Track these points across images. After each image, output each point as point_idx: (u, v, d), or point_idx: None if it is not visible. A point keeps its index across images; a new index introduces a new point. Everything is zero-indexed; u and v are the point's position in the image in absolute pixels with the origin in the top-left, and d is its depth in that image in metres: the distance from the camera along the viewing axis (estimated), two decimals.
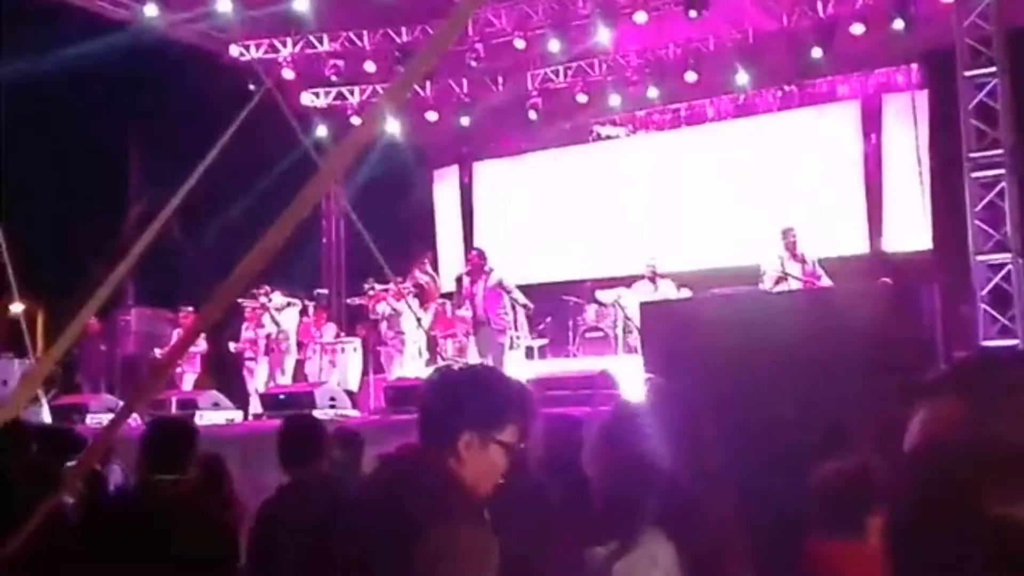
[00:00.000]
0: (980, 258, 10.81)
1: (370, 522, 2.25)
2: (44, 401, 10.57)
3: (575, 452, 4.86)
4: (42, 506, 2.35)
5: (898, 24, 12.75)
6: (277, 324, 13.01)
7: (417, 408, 2.45)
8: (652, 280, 12.77)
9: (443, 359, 13.56)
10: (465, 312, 12.40)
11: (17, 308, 11.13)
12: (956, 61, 11.06)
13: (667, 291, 12.45)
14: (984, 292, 10.72)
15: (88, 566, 3.69)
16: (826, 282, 11.31)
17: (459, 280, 12.43)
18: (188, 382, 13.25)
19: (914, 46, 13.20)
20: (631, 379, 9.54)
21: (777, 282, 11.29)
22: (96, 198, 14.06)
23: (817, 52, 13.59)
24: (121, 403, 11.18)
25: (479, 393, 2.36)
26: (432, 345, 13.64)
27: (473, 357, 12.01)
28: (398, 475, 2.33)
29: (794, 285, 11.13)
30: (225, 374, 13.46)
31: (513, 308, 12.40)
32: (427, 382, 2.49)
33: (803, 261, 11.42)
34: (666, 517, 2.65)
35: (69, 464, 4.56)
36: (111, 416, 10.69)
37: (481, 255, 11.90)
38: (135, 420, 7.77)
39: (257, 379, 13.08)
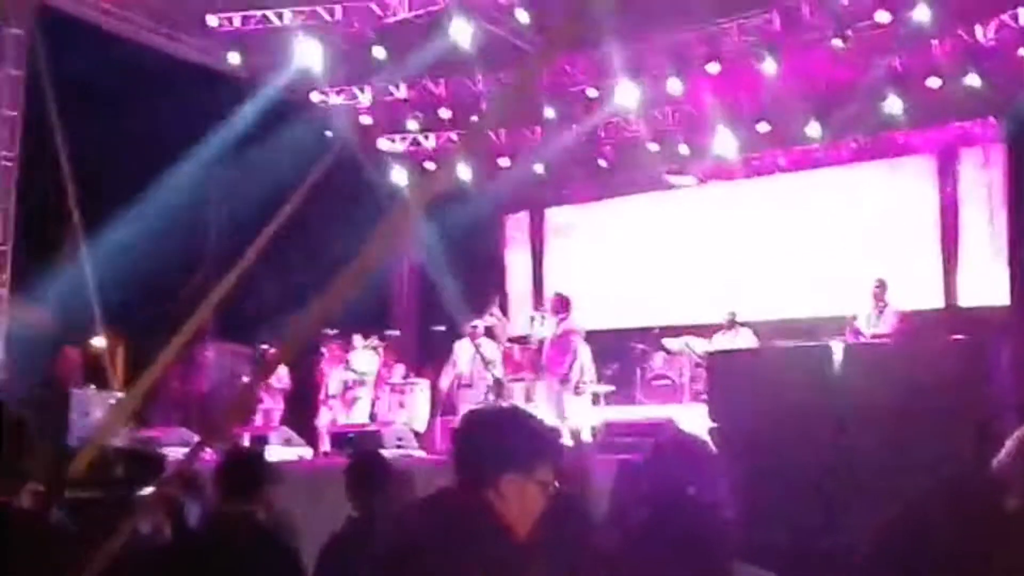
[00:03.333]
0: None
1: (430, 559, 2.33)
2: (120, 434, 10.80)
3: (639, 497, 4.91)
4: (118, 535, 2.48)
5: (973, 78, 12.65)
6: (354, 369, 13.18)
7: (454, 448, 2.50)
8: (731, 327, 12.73)
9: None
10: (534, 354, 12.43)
11: (100, 342, 11.53)
12: None
13: (746, 340, 12.37)
14: None
15: None
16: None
17: (532, 319, 12.46)
18: (275, 418, 13.38)
19: (990, 99, 13.05)
20: (697, 428, 9.52)
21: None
22: (176, 236, 14.43)
23: (891, 105, 13.53)
24: (195, 437, 11.41)
25: (517, 434, 2.44)
26: (499, 388, 13.69)
27: (540, 401, 12.05)
28: (448, 515, 2.40)
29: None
30: (297, 411, 13.65)
31: (575, 355, 12.45)
32: (463, 424, 2.55)
33: (881, 312, 11.32)
34: None
35: (143, 492, 4.67)
36: (184, 450, 10.90)
37: (562, 301, 11.92)
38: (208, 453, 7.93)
39: (327, 417, 13.24)
